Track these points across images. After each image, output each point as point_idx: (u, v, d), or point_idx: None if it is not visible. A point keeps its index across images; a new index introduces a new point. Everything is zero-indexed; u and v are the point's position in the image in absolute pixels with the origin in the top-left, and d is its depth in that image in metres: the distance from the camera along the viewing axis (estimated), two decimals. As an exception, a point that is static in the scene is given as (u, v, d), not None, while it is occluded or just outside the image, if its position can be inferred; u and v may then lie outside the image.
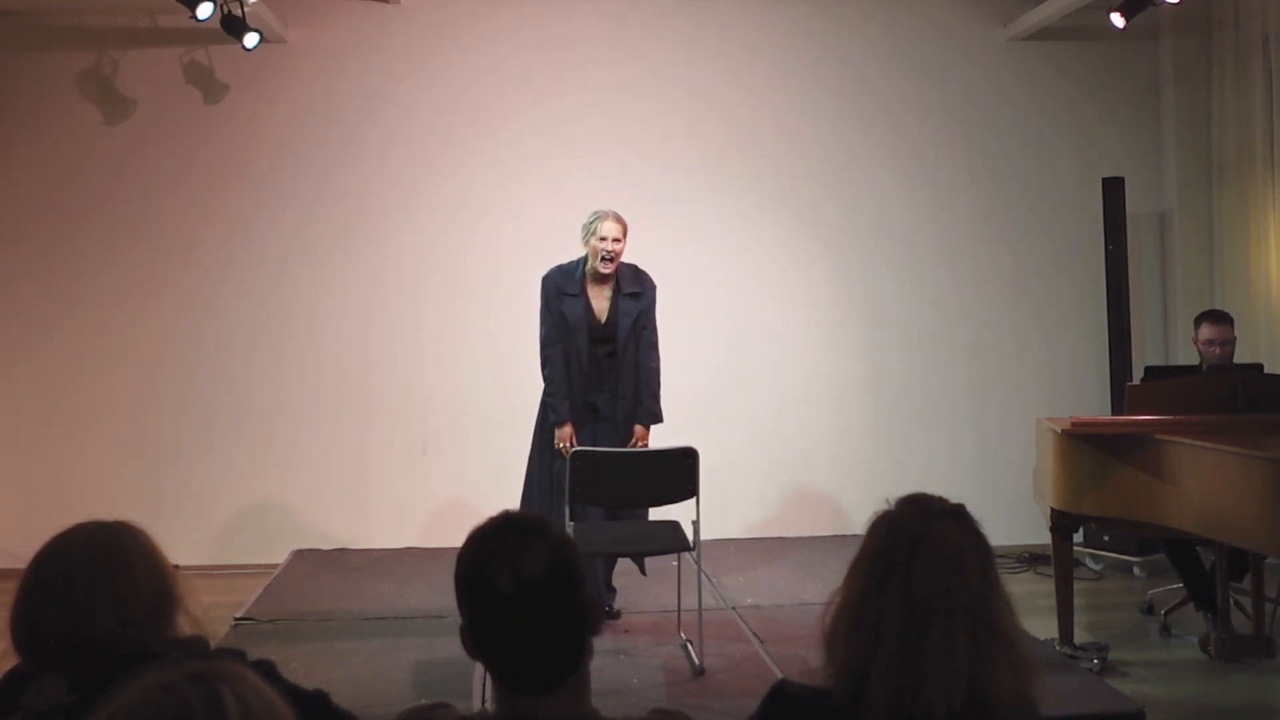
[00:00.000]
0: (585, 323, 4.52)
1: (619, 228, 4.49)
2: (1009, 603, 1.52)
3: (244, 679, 1.02)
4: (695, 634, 4.20)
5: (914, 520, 1.51)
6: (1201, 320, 4.83)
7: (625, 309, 4.54)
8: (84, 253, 6.04)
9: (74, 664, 1.54)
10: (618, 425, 4.57)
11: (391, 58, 6.20)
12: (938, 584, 1.45)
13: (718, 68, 6.31)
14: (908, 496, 1.58)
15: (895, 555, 1.48)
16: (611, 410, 4.58)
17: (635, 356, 4.55)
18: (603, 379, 4.57)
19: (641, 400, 4.56)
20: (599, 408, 4.59)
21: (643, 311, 4.58)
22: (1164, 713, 3.70)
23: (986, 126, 6.42)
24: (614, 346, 4.56)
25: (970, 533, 1.52)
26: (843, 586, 1.53)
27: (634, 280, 4.60)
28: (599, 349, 4.56)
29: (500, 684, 1.44)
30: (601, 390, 4.58)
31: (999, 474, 6.12)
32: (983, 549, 1.52)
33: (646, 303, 4.59)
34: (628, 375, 4.56)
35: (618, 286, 4.57)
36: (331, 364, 6.11)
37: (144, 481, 5.94)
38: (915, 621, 1.44)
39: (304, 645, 4.34)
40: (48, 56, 6.07)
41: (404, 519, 6.06)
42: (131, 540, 1.63)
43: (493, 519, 1.49)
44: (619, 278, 4.57)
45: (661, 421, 4.65)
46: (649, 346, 4.59)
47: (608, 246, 4.45)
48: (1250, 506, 3.46)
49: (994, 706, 1.44)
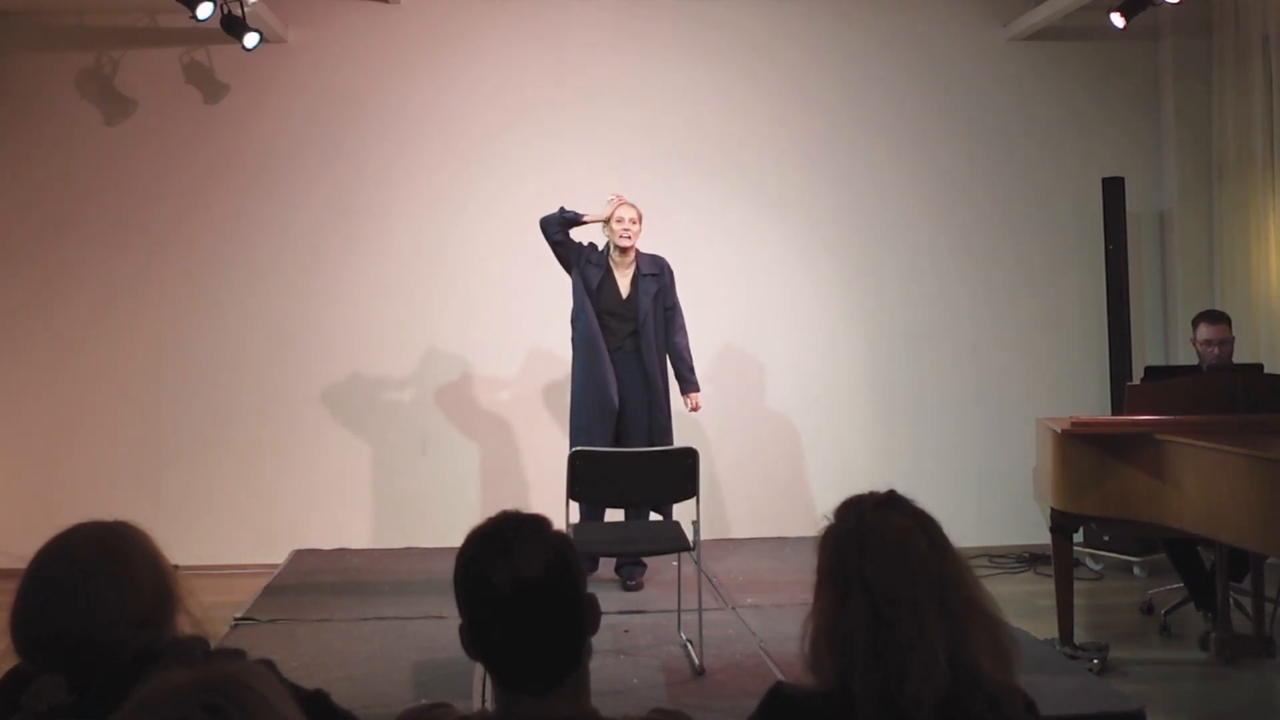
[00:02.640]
0: (610, 295, 5.00)
1: (634, 211, 5.03)
2: (967, 566, 1.52)
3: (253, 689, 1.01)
4: (695, 634, 4.20)
5: (853, 523, 1.52)
6: (1199, 321, 4.83)
7: (645, 288, 5.03)
8: (83, 252, 6.04)
9: (74, 665, 1.54)
10: (650, 404, 4.99)
11: (391, 58, 6.20)
12: (893, 574, 1.46)
13: (717, 68, 6.31)
14: (841, 504, 1.59)
15: (847, 564, 1.49)
16: (637, 394, 4.99)
17: (663, 337, 5.05)
18: (634, 364, 5.00)
19: (681, 374, 5.10)
20: (626, 397, 4.99)
21: (663, 290, 5.06)
22: (1164, 713, 3.70)
23: (987, 126, 6.42)
24: (636, 325, 4.99)
25: (908, 513, 1.53)
26: (812, 610, 1.53)
27: (652, 264, 5.10)
28: (623, 327, 5.01)
29: (500, 683, 1.44)
30: (630, 380, 4.99)
31: (999, 474, 6.12)
32: (926, 523, 1.53)
33: (665, 283, 5.08)
34: (656, 355, 5.01)
35: (638, 270, 5.05)
36: (332, 363, 6.11)
37: (143, 481, 5.94)
38: (883, 619, 1.44)
39: (304, 645, 4.34)
40: (48, 56, 6.07)
41: (404, 519, 6.07)
42: (131, 540, 1.63)
43: (492, 518, 1.49)
44: (638, 262, 5.06)
45: (698, 390, 5.18)
46: (677, 328, 5.11)
47: (625, 227, 4.98)
48: (1250, 506, 3.46)
49: (977, 675, 1.45)
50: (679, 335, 5.11)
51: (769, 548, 5.87)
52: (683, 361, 5.11)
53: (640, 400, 5.02)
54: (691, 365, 5.15)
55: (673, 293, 5.12)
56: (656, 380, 5.02)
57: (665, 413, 5.04)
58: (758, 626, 4.56)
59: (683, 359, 5.11)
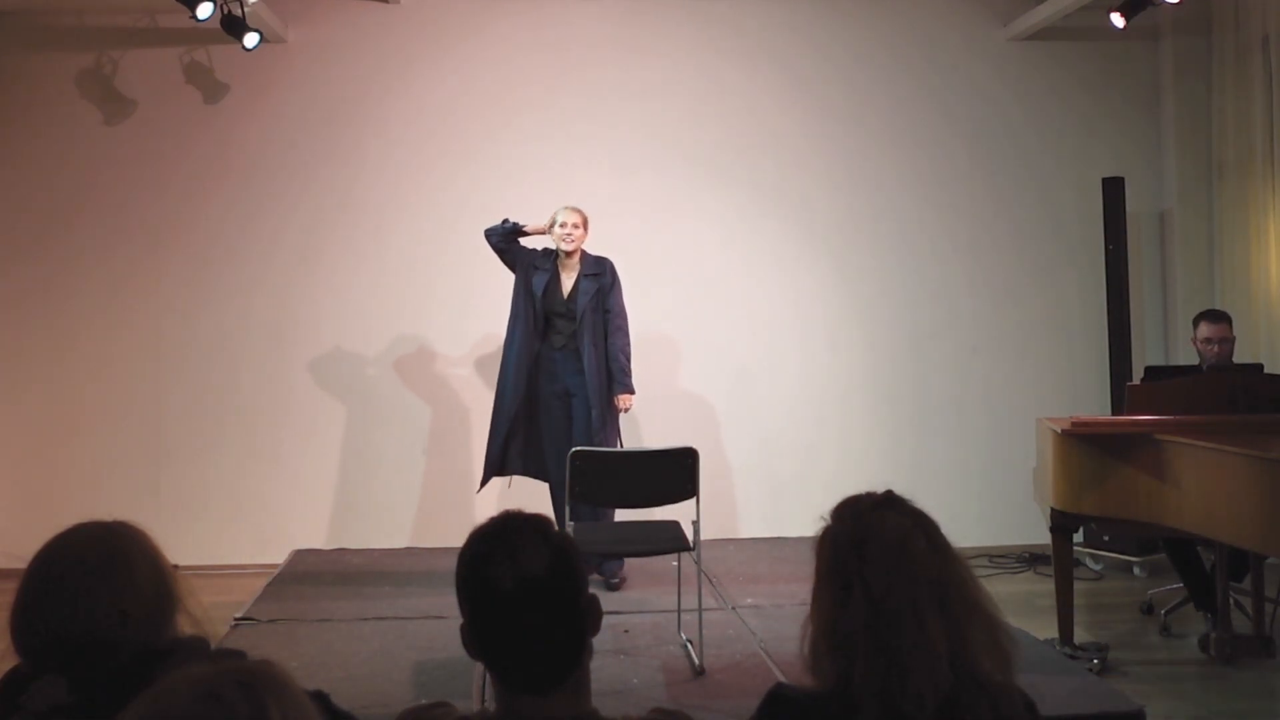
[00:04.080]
0: (552, 295, 5.16)
1: (577, 215, 5.18)
2: (966, 566, 1.52)
3: (287, 687, 1.01)
4: (695, 634, 4.20)
5: (851, 524, 1.52)
6: (1199, 320, 4.83)
7: (585, 288, 5.17)
8: (83, 252, 6.04)
9: (74, 665, 1.54)
10: (588, 398, 5.09)
11: (391, 58, 6.20)
12: (893, 574, 1.45)
13: (718, 68, 6.31)
14: (838, 505, 1.58)
15: (846, 565, 1.48)
16: (582, 385, 5.12)
17: (600, 336, 5.15)
18: (573, 361, 5.15)
19: (613, 374, 5.17)
20: (571, 390, 5.15)
21: (602, 291, 5.17)
22: (1164, 713, 3.70)
23: (987, 126, 6.42)
24: (576, 326, 5.13)
25: (907, 513, 1.53)
26: (811, 612, 1.53)
27: (595, 265, 5.23)
28: (567, 325, 5.16)
29: (500, 683, 1.44)
30: (575, 371, 5.13)
31: (999, 474, 6.12)
32: (924, 523, 1.52)
33: (606, 284, 5.19)
34: (595, 352, 5.10)
35: (581, 271, 5.20)
36: (331, 363, 6.11)
37: (143, 481, 5.94)
38: (884, 620, 1.44)
39: (304, 645, 4.34)
40: (48, 56, 6.07)
41: (404, 519, 6.07)
42: (131, 540, 1.63)
43: (494, 518, 1.49)
44: (583, 263, 5.21)
45: (633, 392, 5.19)
46: (615, 329, 5.20)
47: (567, 231, 5.14)
48: (1250, 506, 3.46)
49: (977, 675, 1.45)
50: (615, 336, 5.18)
51: (769, 548, 5.87)
52: (615, 362, 5.16)
53: (579, 396, 5.14)
54: (624, 367, 5.17)
55: (613, 294, 5.21)
56: (592, 378, 5.09)
57: (600, 410, 5.08)
58: (758, 626, 4.56)
59: (616, 359, 5.16)
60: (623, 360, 5.18)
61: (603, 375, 5.13)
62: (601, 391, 5.11)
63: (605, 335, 5.18)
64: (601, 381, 5.12)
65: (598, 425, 5.06)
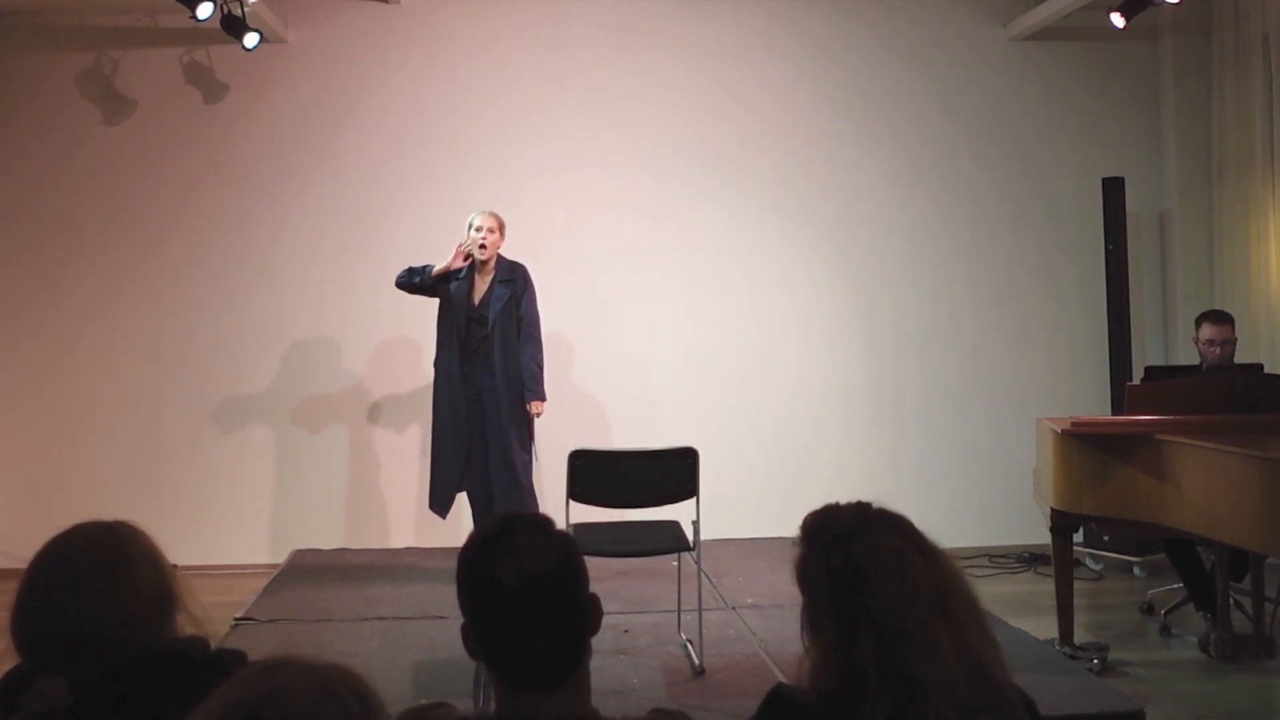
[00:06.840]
0: (465, 301, 5.16)
1: (491, 220, 5.17)
2: (950, 558, 1.49)
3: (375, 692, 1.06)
4: (695, 634, 4.20)
5: (842, 556, 1.45)
6: (1202, 320, 4.83)
7: (498, 294, 5.15)
8: (83, 252, 6.04)
9: (74, 665, 1.53)
10: (499, 401, 5.10)
11: (391, 58, 6.20)
12: (897, 602, 1.41)
13: (718, 68, 6.31)
14: (811, 527, 1.52)
15: (850, 601, 1.43)
16: (493, 387, 5.12)
17: (513, 343, 5.13)
18: (486, 363, 5.15)
19: (524, 381, 5.14)
20: (483, 391, 5.16)
21: (514, 298, 5.15)
22: (1164, 713, 3.70)
23: (987, 126, 6.42)
24: (488, 330, 5.12)
25: (890, 528, 1.48)
26: (811, 645, 1.47)
27: (509, 271, 5.20)
28: (478, 330, 5.16)
29: (501, 682, 1.44)
30: (488, 373, 5.14)
31: (999, 474, 6.11)
32: (910, 534, 1.48)
33: (519, 291, 5.17)
34: (506, 358, 5.11)
35: (495, 277, 5.18)
36: (331, 363, 6.11)
37: (143, 481, 5.94)
38: (895, 650, 1.40)
39: (304, 645, 4.33)
40: (48, 56, 6.06)
41: (404, 519, 6.07)
42: (131, 540, 1.62)
43: (496, 518, 1.50)
44: (498, 268, 5.19)
45: (544, 399, 5.13)
46: (526, 338, 5.17)
47: (481, 237, 5.12)
48: (1250, 506, 3.46)
49: (979, 668, 1.42)
50: (527, 345, 5.14)
51: (769, 548, 5.87)
52: (526, 370, 5.12)
53: (491, 399, 5.14)
54: (535, 374, 5.13)
55: (526, 301, 5.16)
56: (502, 386, 5.10)
57: (510, 417, 5.08)
58: (758, 626, 4.56)
59: (526, 367, 5.12)
60: (534, 368, 5.14)
61: (515, 383, 5.11)
62: (512, 399, 5.10)
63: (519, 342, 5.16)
64: (513, 389, 5.10)
65: (515, 427, 5.08)
